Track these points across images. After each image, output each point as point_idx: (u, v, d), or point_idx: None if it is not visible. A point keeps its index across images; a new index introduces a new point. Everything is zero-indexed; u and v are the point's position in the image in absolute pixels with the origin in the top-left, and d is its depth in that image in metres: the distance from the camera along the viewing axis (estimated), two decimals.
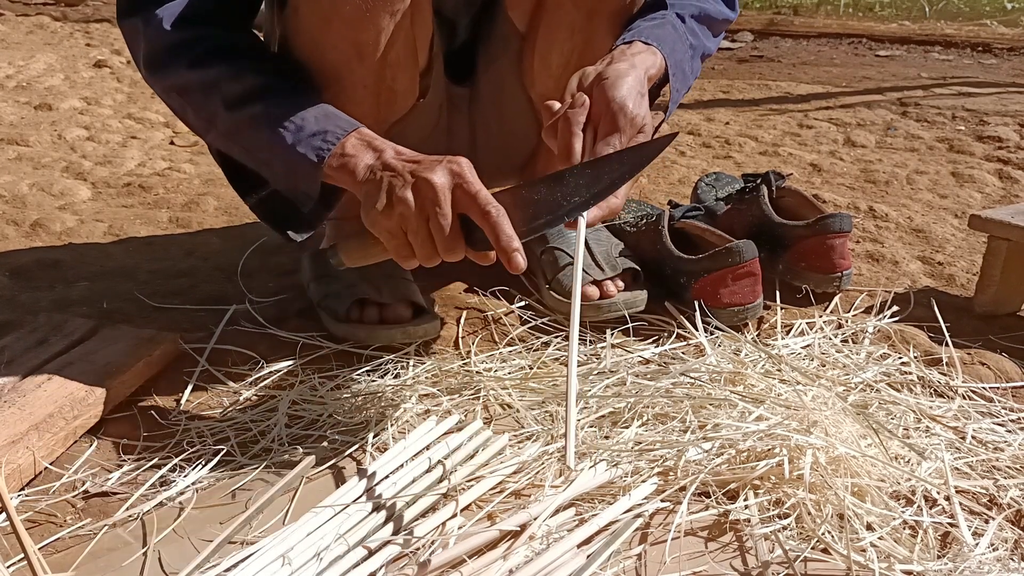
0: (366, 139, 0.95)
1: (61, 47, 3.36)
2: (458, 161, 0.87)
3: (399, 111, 1.19)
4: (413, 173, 0.87)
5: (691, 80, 1.11)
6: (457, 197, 0.86)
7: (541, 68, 1.17)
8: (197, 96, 1.03)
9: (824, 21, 3.99)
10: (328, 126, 0.96)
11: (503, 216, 0.84)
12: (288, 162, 0.97)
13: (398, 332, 1.15)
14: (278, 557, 0.78)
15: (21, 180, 1.83)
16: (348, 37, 1.04)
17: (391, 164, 0.90)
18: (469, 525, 0.84)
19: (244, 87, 0.99)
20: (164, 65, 1.03)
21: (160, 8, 1.01)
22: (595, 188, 0.87)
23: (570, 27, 1.12)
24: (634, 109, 0.92)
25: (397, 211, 0.87)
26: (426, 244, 0.87)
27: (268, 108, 0.98)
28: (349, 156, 0.93)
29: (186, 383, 1.09)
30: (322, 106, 0.99)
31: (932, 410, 1.03)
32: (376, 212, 0.88)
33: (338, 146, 0.94)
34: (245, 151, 1.03)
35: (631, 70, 0.94)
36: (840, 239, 1.28)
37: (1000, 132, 2.18)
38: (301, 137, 0.95)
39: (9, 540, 0.82)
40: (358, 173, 0.92)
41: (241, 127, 1.00)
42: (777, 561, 0.80)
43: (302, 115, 0.97)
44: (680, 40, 1.05)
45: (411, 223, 0.86)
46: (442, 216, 0.85)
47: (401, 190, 0.86)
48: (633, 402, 1.02)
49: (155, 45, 1.02)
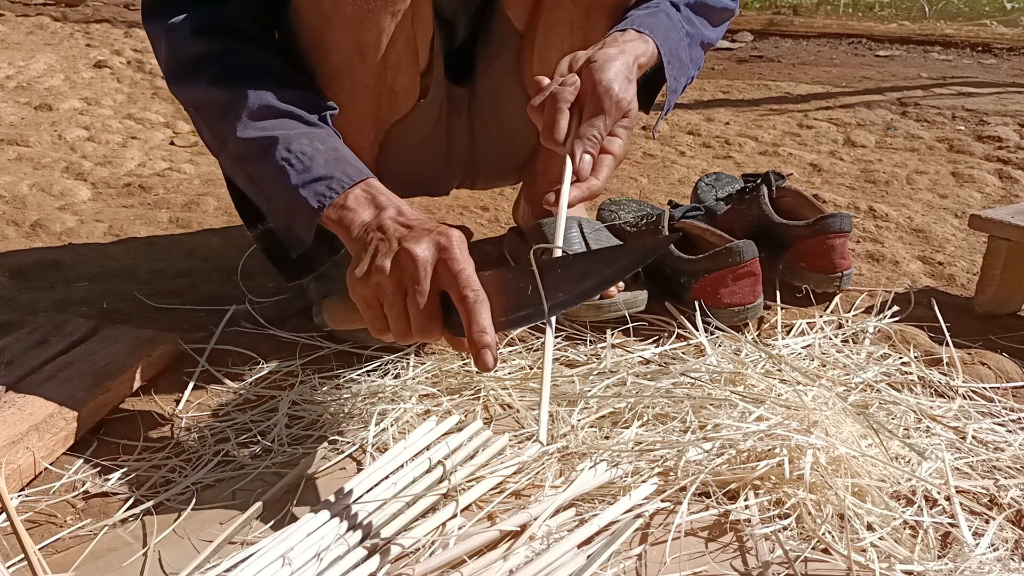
0: (371, 193, 0.90)
1: (61, 47, 3.36)
2: (449, 234, 0.81)
3: (400, 111, 1.19)
4: (400, 240, 0.82)
5: (691, 70, 1.10)
6: (440, 273, 0.80)
7: (540, 66, 1.17)
8: (214, 115, 0.99)
9: (824, 21, 3.99)
10: (335, 172, 0.91)
11: (481, 304, 0.77)
12: (288, 202, 0.92)
13: None
14: (278, 557, 0.78)
15: (21, 180, 1.83)
16: (350, 37, 1.04)
17: (385, 226, 0.85)
18: (469, 525, 0.84)
19: (260, 114, 0.95)
20: (184, 78, 1.00)
21: (184, 15, 0.98)
22: (582, 286, 0.80)
23: (568, 24, 1.12)
24: (620, 92, 0.91)
25: (374, 280, 0.81)
26: (400, 320, 0.81)
27: (280, 140, 0.93)
28: (349, 209, 0.89)
29: (186, 383, 1.09)
30: (336, 147, 0.94)
31: (932, 410, 1.02)
32: (355, 278, 0.83)
33: (341, 196, 0.89)
34: (250, 180, 0.99)
35: (620, 55, 0.94)
36: (840, 239, 1.28)
37: (1000, 132, 2.18)
38: (306, 179, 0.91)
39: (9, 540, 0.82)
40: (353, 229, 0.87)
41: (251, 155, 0.96)
42: (777, 561, 0.80)
43: (312, 153, 0.92)
44: (674, 28, 1.05)
45: (387, 296, 0.81)
46: (419, 293, 0.79)
47: (382, 258, 0.81)
48: (633, 402, 1.02)
49: (177, 56, 1.00)
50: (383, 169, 1.29)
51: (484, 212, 1.72)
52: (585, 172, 0.89)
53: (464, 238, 0.82)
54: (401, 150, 1.28)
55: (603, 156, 0.91)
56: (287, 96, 0.97)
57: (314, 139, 0.94)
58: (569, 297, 0.80)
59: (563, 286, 0.80)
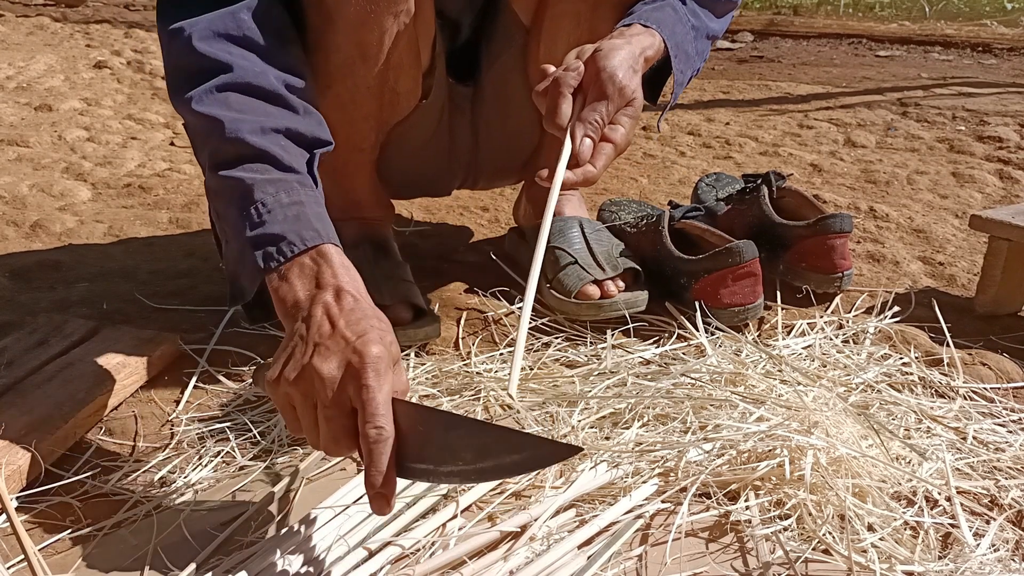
0: (318, 266, 0.82)
1: (61, 48, 3.36)
2: (364, 352, 0.74)
3: (401, 112, 1.19)
4: (314, 350, 0.75)
5: (698, 62, 1.10)
6: (350, 394, 0.74)
7: (547, 60, 1.17)
8: (196, 139, 0.94)
9: (824, 21, 3.99)
10: (289, 232, 0.83)
11: (383, 443, 0.72)
12: (240, 252, 0.85)
13: (398, 334, 1.14)
14: (278, 558, 0.78)
15: (21, 181, 1.83)
16: (352, 38, 1.04)
17: (312, 318, 0.78)
18: (469, 526, 0.84)
19: (235, 150, 0.87)
20: (177, 91, 0.93)
21: (191, 20, 0.92)
22: (480, 463, 0.72)
23: (575, 17, 1.12)
24: (623, 79, 0.91)
25: (282, 390, 0.77)
26: (311, 431, 0.77)
27: (246, 182, 0.86)
28: (288, 282, 0.82)
29: (186, 384, 1.09)
30: (300, 200, 0.86)
31: (933, 411, 1.02)
32: (268, 380, 0.79)
33: (287, 264, 0.82)
34: (216, 215, 0.93)
35: (626, 45, 0.94)
36: (841, 239, 1.28)
37: (1000, 132, 2.18)
38: (259, 233, 0.83)
39: (9, 541, 0.82)
40: (286, 304, 0.81)
41: (218, 192, 0.89)
42: (778, 562, 0.80)
43: (273, 207, 0.84)
44: (680, 22, 1.05)
45: (298, 406, 0.77)
46: (325, 413, 0.74)
47: (291, 370, 0.76)
48: (634, 403, 1.01)
49: (175, 63, 0.94)
50: (384, 170, 1.29)
51: (484, 212, 1.72)
52: (584, 155, 0.89)
53: (383, 354, 0.75)
54: (403, 150, 1.28)
55: (603, 144, 0.91)
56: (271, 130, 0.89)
57: (280, 189, 0.86)
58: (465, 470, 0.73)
59: (462, 454, 0.73)
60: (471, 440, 0.73)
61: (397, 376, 0.77)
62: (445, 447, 0.73)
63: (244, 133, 0.87)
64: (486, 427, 0.77)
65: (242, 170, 0.86)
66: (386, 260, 1.25)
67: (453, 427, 0.75)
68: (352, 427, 0.74)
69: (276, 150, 0.88)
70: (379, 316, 0.80)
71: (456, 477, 0.74)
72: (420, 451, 0.74)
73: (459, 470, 0.73)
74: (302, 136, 0.91)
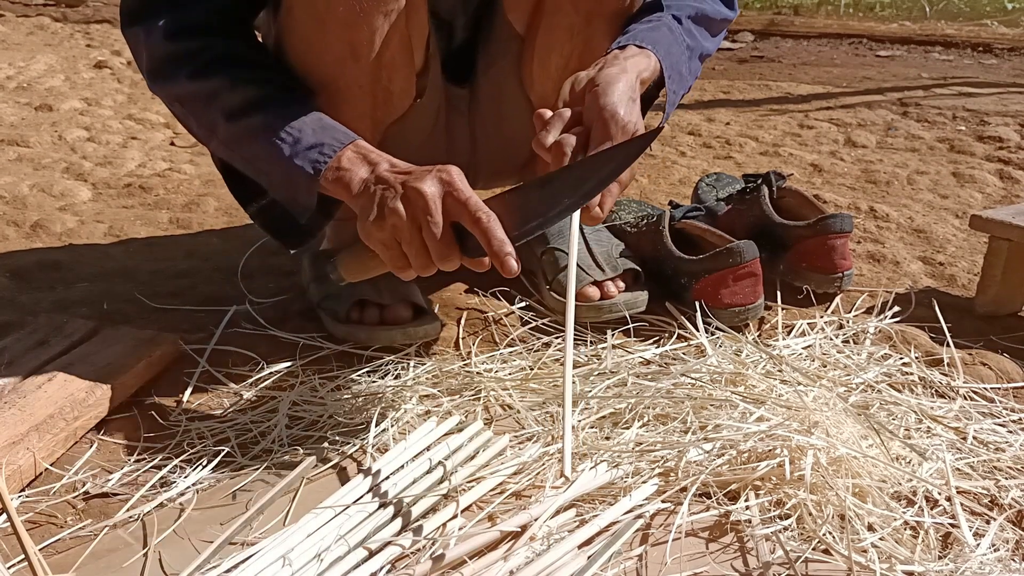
0: (362, 152, 0.95)
1: (61, 48, 3.36)
2: (448, 170, 0.87)
3: (396, 112, 1.18)
4: (404, 184, 0.87)
5: (690, 81, 1.11)
6: (448, 205, 0.86)
7: (540, 71, 1.17)
8: (198, 106, 1.03)
9: (824, 21, 3.99)
10: (325, 138, 0.96)
11: (494, 221, 0.84)
12: (286, 174, 0.97)
13: (398, 333, 1.15)
14: (279, 558, 0.78)
15: (21, 181, 1.83)
16: (342, 37, 1.04)
17: (384, 176, 0.90)
18: (470, 526, 0.84)
19: (243, 98, 0.99)
20: (165, 75, 1.03)
21: (161, 18, 1.01)
22: (584, 188, 0.86)
23: (569, 30, 1.12)
24: (625, 116, 0.91)
25: (389, 223, 0.87)
26: (420, 253, 0.87)
27: (267, 119, 0.98)
28: (345, 170, 0.93)
29: (186, 384, 1.09)
30: (320, 117, 0.99)
31: (933, 411, 1.02)
32: (370, 224, 0.88)
33: (334, 159, 0.94)
34: (245, 161, 1.03)
35: (622, 75, 0.94)
36: (841, 239, 1.28)
37: (1001, 132, 2.18)
38: (298, 149, 0.95)
39: (10, 541, 0.82)
40: (353, 187, 0.92)
41: (241, 138, 1.01)
42: (778, 562, 0.80)
43: (300, 126, 0.97)
44: (676, 42, 1.05)
45: (404, 233, 0.86)
46: (434, 224, 0.85)
47: (392, 201, 0.87)
48: (634, 403, 1.02)
49: (156, 55, 1.03)
50: None
51: None
52: (593, 202, 0.90)
53: (462, 173, 0.87)
54: (399, 151, 1.27)
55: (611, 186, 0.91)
56: (265, 77, 1.02)
57: (300, 112, 0.98)
58: (573, 200, 0.86)
59: (565, 192, 0.86)
60: (566, 182, 0.87)
61: None
62: (547, 199, 0.86)
63: (249, 83, 1.00)
64: (573, 166, 0.88)
65: (258, 109, 0.98)
66: None
67: (545, 183, 0.88)
68: (454, 237, 0.87)
69: (278, 93, 1.01)
70: None
71: (567, 210, 0.86)
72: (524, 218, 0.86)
73: (568, 204, 0.86)
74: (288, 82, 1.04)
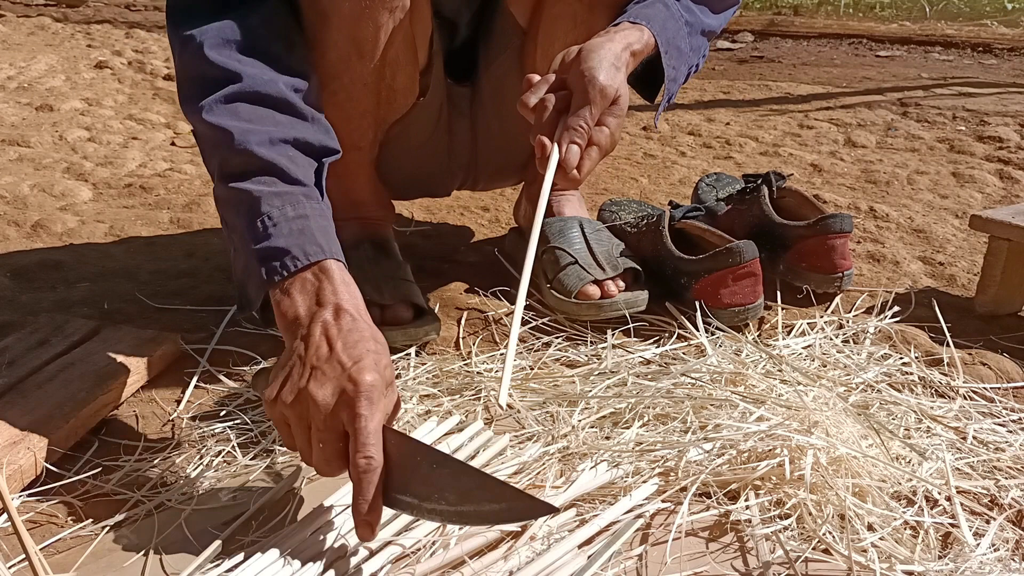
0: (319, 282, 0.85)
1: (62, 48, 3.36)
2: (358, 380, 0.76)
3: (399, 110, 1.19)
4: (310, 374, 0.78)
5: (693, 58, 1.09)
6: (343, 419, 0.76)
7: (543, 62, 1.17)
8: (205, 148, 0.96)
9: (824, 21, 3.99)
10: (293, 247, 0.85)
11: (372, 473, 0.75)
12: (247, 263, 0.89)
13: (399, 333, 1.15)
14: (279, 558, 0.78)
15: (22, 181, 1.83)
16: (347, 34, 1.04)
17: (311, 336, 0.80)
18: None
19: (243, 162, 0.90)
20: (188, 100, 0.95)
21: (201, 27, 0.93)
22: (461, 507, 0.75)
23: (571, 18, 1.12)
24: (604, 80, 0.90)
25: (278, 410, 0.80)
26: (305, 449, 0.79)
27: (253, 195, 0.88)
28: (289, 297, 0.84)
29: (187, 383, 1.09)
30: (305, 214, 0.88)
31: (933, 410, 1.02)
32: (266, 398, 0.81)
33: (289, 279, 0.85)
34: (224, 224, 0.95)
35: (607, 43, 0.93)
36: (841, 239, 1.28)
37: (1001, 132, 2.18)
38: (265, 247, 0.86)
39: (10, 541, 0.82)
40: (287, 318, 0.84)
41: (227, 202, 0.92)
42: (778, 561, 0.80)
43: (279, 220, 0.87)
44: (672, 17, 1.04)
45: (292, 426, 0.80)
46: (319, 436, 0.77)
47: (289, 392, 0.78)
48: (634, 402, 1.02)
49: (186, 73, 0.96)
50: (384, 170, 1.29)
51: (485, 212, 1.72)
52: (572, 163, 0.89)
53: (377, 381, 0.77)
54: (402, 150, 1.28)
55: (589, 148, 0.90)
56: (279, 140, 0.91)
57: (286, 202, 0.88)
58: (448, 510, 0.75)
59: (446, 494, 0.75)
60: (454, 481, 0.75)
61: (390, 397, 0.79)
62: (430, 483, 0.75)
63: (252, 145, 0.89)
64: (470, 471, 0.78)
65: (250, 182, 0.89)
66: (387, 260, 1.25)
67: (440, 464, 0.76)
68: (344, 450, 0.77)
69: (284, 162, 0.90)
70: (376, 337, 0.82)
71: (438, 516, 0.76)
72: (407, 483, 0.76)
73: (441, 509, 0.75)
74: (310, 145, 0.93)
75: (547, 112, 0.90)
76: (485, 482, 0.76)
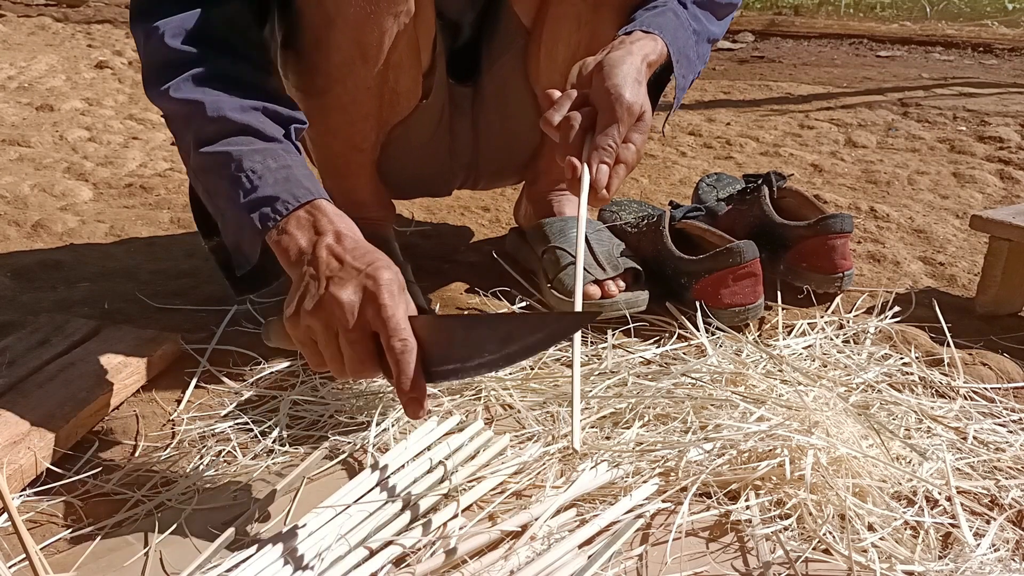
0: (314, 216, 0.87)
1: (63, 48, 3.36)
2: (377, 276, 0.79)
3: (401, 112, 1.19)
4: (328, 281, 0.80)
5: (699, 66, 1.10)
6: (369, 317, 0.78)
7: (547, 62, 1.17)
8: (178, 126, 0.97)
9: (825, 22, 3.99)
10: (282, 192, 0.87)
11: (409, 353, 0.77)
12: (237, 219, 0.90)
13: None
14: (280, 557, 0.78)
15: (23, 181, 1.83)
16: (352, 38, 1.04)
17: (319, 258, 0.82)
18: (470, 526, 0.84)
19: (218, 128, 0.92)
20: (153, 84, 0.96)
21: (164, 20, 0.96)
22: (508, 349, 0.77)
23: (576, 19, 1.12)
24: (630, 97, 0.90)
25: (303, 323, 0.81)
26: (335, 360, 0.81)
27: (234, 155, 0.90)
28: (288, 234, 0.86)
29: (187, 383, 1.09)
30: (288, 164, 0.91)
31: (933, 411, 1.02)
32: (287, 317, 0.82)
33: (283, 220, 0.86)
34: (206, 194, 0.96)
35: (627, 56, 0.93)
36: (841, 239, 1.28)
37: (1001, 132, 2.18)
38: (254, 198, 0.88)
39: (11, 540, 0.82)
40: (291, 255, 0.85)
41: (207, 168, 0.93)
42: (778, 562, 0.80)
43: (263, 172, 0.89)
44: (682, 27, 1.04)
45: (319, 336, 0.80)
46: (347, 339, 0.79)
47: (310, 301, 0.80)
48: (634, 402, 1.02)
49: (151, 60, 0.98)
50: (385, 170, 1.29)
51: (485, 212, 1.72)
52: (601, 183, 0.89)
53: (395, 278, 0.79)
54: (403, 150, 1.28)
55: (617, 166, 0.91)
56: (250, 108, 0.93)
57: (267, 156, 0.90)
58: (494, 359, 0.77)
59: (488, 345, 0.78)
60: (493, 332, 0.79)
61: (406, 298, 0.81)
62: (469, 343, 0.78)
63: (226, 111, 0.91)
64: (503, 317, 0.81)
65: (227, 144, 0.91)
66: None
67: (472, 325, 0.81)
68: (374, 349, 0.79)
69: (258, 123, 0.92)
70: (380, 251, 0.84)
71: (486, 368, 0.78)
72: (446, 355, 0.78)
73: (487, 360, 0.78)
74: (279, 114, 0.95)
75: (573, 131, 0.90)
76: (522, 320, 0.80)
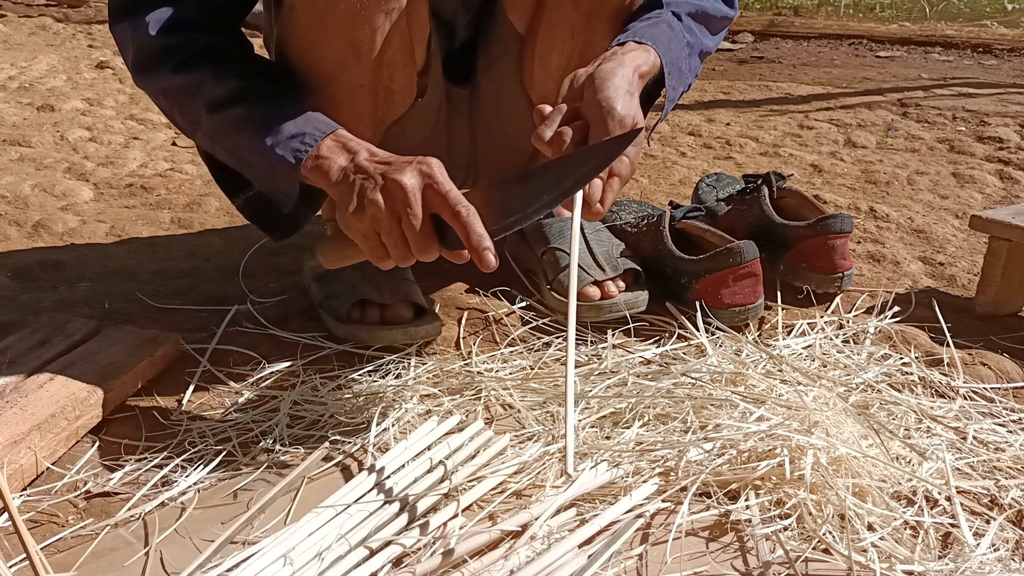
0: (341, 141, 0.95)
1: (63, 48, 3.36)
2: (428, 162, 0.88)
3: (397, 111, 1.19)
4: (384, 175, 0.88)
5: (690, 78, 1.10)
6: (428, 197, 0.87)
7: (541, 70, 1.17)
8: (183, 98, 1.03)
9: (824, 22, 3.99)
10: (306, 128, 0.96)
11: (473, 215, 0.85)
12: (267, 164, 0.97)
13: (399, 333, 1.16)
14: (279, 557, 0.78)
15: (23, 181, 1.83)
16: (344, 36, 1.04)
17: (363, 166, 0.91)
18: (470, 525, 0.84)
19: (226, 90, 1.00)
20: (150, 69, 1.03)
21: (148, 14, 1.01)
22: (563, 185, 0.86)
23: (569, 28, 1.12)
24: (622, 110, 0.90)
25: (368, 213, 0.88)
26: (399, 245, 0.88)
27: (249, 110, 0.99)
28: (324, 158, 0.94)
29: (188, 383, 1.09)
30: (301, 108, 0.99)
31: (933, 410, 1.03)
32: (348, 215, 0.89)
33: (314, 148, 0.94)
34: (228, 152, 1.04)
35: (619, 69, 0.93)
36: (841, 239, 1.28)
37: (1001, 133, 2.18)
38: (280, 139, 0.96)
39: (11, 540, 0.83)
40: (332, 175, 0.93)
41: (224, 129, 1.01)
42: (778, 561, 0.80)
43: (281, 117, 0.97)
44: (675, 38, 1.04)
45: (383, 224, 0.88)
46: (413, 216, 0.86)
47: (372, 192, 0.88)
48: (634, 402, 1.02)
49: (142, 49, 1.03)
50: None
51: None
52: (595, 197, 0.90)
53: (442, 164, 0.88)
54: (400, 151, 1.27)
55: (611, 179, 0.91)
56: (249, 70, 1.03)
57: (281, 102, 0.99)
58: (552, 197, 0.85)
59: (545, 188, 0.85)
60: (544, 176, 0.87)
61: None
62: (524, 193, 0.86)
63: (232, 76, 1.01)
64: (552, 162, 0.87)
65: (242, 103, 0.99)
66: None
67: (523, 177, 0.88)
68: (433, 229, 0.88)
69: (266, 85, 1.02)
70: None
71: (546, 206, 0.86)
72: (505, 210, 0.86)
73: (547, 200, 0.86)
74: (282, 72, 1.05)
75: (565, 146, 0.90)
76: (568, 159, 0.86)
